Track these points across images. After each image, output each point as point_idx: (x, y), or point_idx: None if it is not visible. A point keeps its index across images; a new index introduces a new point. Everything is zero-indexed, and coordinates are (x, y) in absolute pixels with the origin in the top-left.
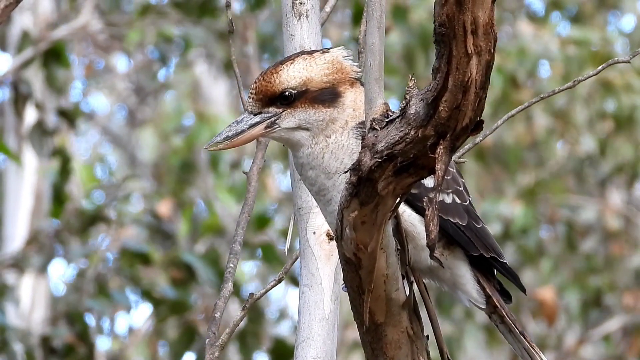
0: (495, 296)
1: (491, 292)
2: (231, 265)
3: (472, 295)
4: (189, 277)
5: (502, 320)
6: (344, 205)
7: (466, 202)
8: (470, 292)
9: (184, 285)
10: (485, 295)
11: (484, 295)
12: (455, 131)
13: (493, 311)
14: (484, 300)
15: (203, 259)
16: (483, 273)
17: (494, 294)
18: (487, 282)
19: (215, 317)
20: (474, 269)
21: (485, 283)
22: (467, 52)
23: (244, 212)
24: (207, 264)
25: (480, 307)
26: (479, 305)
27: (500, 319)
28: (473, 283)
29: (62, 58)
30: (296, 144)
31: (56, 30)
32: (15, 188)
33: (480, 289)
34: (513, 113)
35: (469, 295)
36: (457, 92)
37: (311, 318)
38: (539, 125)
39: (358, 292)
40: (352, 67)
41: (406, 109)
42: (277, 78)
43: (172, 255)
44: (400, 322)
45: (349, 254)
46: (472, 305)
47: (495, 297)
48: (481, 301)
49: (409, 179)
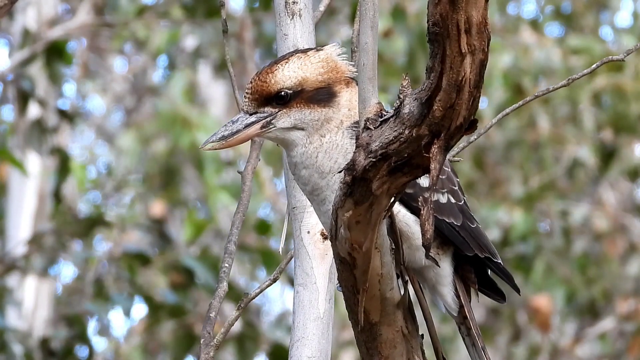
0: (467, 307)
1: (464, 302)
2: (226, 265)
3: (446, 300)
4: (189, 280)
5: (469, 333)
6: (339, 205)
7: (461, 202)
8: (446, 296)
9: (183, 289)
10: (458, 304)
11: (458, 303)
12: (449, 130)
13: (462, 322)
14: (456, 308)
15: (202, 262)
16: (463, 280)
17: (467, 304)
18: (463, 292)
19: (210, 316)
20: (456, 275)
21: (461, 291)
22: (460, 51)
23: (238, 211)
24: (207, 267)
25: (452, 314)
26: (452, 312)
27: (467, 330)
28: (450, 288)
29: (65, 55)
30: (291, 144)
31: (54, 29)
32: (18, 189)
33: (455, 296)
34: (507, 111)
35: (444, 299)
36: (451, 91)
37: (306, 317)
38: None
39: (353, 292)
40: (347, 66)
41: (400, 109)
42: (273, 78)
43: (171, 259)
44: (395, 321)
45: (343, 253)
46: (445, 311)
47: (467, 307)
48: (454, 308)
49: (403, 178)
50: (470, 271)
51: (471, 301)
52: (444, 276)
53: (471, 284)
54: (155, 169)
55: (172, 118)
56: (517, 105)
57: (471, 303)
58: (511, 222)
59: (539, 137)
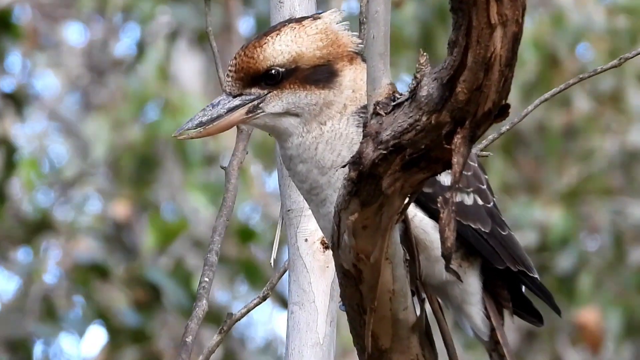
0: (500, 330)
1: (496, 324)
2: (206, 279)
3: (475, 322)
4: (154, 297)
5: None
6: (342, 207)
7: (490, 204)
8: (475, 318)
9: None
10: (489, 326)
11: (489, 326)
12: (475, 117)
13: (494, 348)
14: (487, 332)
15: (172, 277)
16: (495, 298)
17: (499, 327)
18: (494, 312)
19: (186, 342)
20: (485, 292)
21: (492, 312)
22: (489, 22)
23: (221, 215)
24: (178, 282)
25: (482, 338)
26: (482, 336)
27: (500, 358)
28: (480, 307)
29: (11, 27)
30: (284, 133)
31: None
32: None
33: (485, 317)
34: (547, 97)
35: (472, 321)
36: (477, 70)
37: (302, 343)
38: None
39: (358, 312)
40: (351, 38)
41: (417, 91)
42: (261, 53)
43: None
44: (409, 348)
45: (347, 265)
46: (474, 336)
47: (500, 330)
48: (484, 332)
49: (419, 174)
50: (501, 287)
51: (504, 324)
52: (472, 293)
53: (504, 303)
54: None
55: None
56: (557, 90)
57: (504, 326)
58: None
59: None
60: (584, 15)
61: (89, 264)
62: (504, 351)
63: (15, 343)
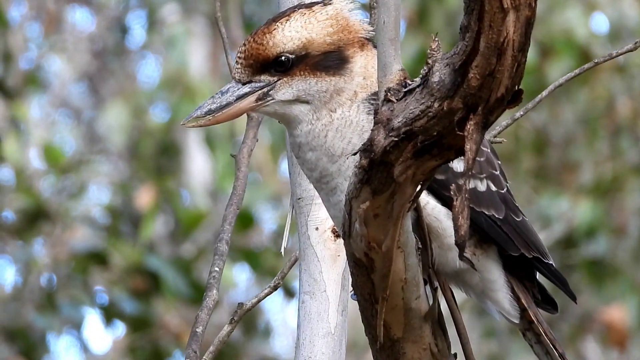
0: (532, 309)
1: (527, 304)
2: (216, 268)
3: (503, 306)
4: (152, 286)
5: (539, 339)
6: (353, 195)
7: (503, 190)
8: (502, 302)
9: (146, 297)
10: (519, 308)
11: (519, 308)
12: (488, 103)
13: (528, 327)
14: (517, 314)
15: (172, 265)
16: (519, 279)
17: (531, 306)
18: (522, 291)
19: (196, 332)
20: (508, 273)
21: (520, 292)
22: (502, 6)
23: (231, 203)
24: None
25: (512, 321)
26: (512, 319)
27: (536, 337)
28: (506, 291)
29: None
30: (293, 120)
31: None
32: None
33: (513, 299)
34: (561, 82)
35: (500, 306)
36: (490, 56)
37: (313, 333)
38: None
39: (370, 301)
40: (362, 24)
41: (428, 77)
42: (271, 39)
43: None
44: (421, 338)
45: (358, 254)
46: (502, 319)
47: (532, 310)
48: (514, 314)
49: (432, 162)
50: (520, 270)
51: (535, 302)
52: (493, 280)
53: (527, 284)
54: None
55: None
56: (572, 74)
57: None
58: (576, 215)
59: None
60: (618, 10)
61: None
62: (539, 329)
63: (13, 332)
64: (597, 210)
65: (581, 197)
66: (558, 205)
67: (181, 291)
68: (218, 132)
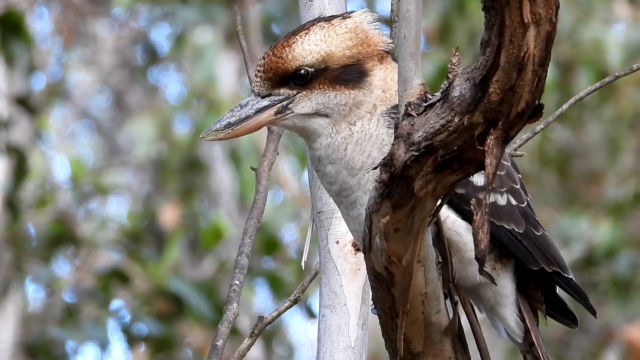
0: (535, 331)
1: (530, 326)
2: (236, 282)
3: (509, 323)
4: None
5: None
6: (373, 209)
7: (523, 204)
8: (509, 319)
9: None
10: (523, 328)
11: (522, 328)
12: (508, 118)
13: (529, 350)
14: (521, 334)
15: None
16: (528, 300)
17: (534, 328)
18: (528, 313)
19: (217, 345)
20: (518, 292)
21: (526, 313)
22: (522, 21)
23: (251, 217)
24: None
25: (516, 340)
26: (516, 338)
27: None
28: (514, 309)
29: (21, 32)
30: (313, 134)
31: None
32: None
33: (519, 319)
34: (582, 95)
35: (505, 323)
36: (510, 70)
37: (333, 347)
38: None
39: (390, 315)
40: (381, 37)
41: (449, 91)
42: (290, 53)
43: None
44: (442, 352)
45: (379, 268)
46: (507, 337)
47: (534, 332)
48: (518, 334)
49: (452, 176)
50: (535, 289)
51: (538, 324)
52: (505, 295)
53: (537, 305)
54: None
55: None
56: (593, 88)
57: (538, 327)
58: (596, 236)
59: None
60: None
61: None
62: (538, 352)
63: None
64: (618, 231)
65: (601, 218)
66: (578, 226)
67: (204, 314)
68: (242, 145)
